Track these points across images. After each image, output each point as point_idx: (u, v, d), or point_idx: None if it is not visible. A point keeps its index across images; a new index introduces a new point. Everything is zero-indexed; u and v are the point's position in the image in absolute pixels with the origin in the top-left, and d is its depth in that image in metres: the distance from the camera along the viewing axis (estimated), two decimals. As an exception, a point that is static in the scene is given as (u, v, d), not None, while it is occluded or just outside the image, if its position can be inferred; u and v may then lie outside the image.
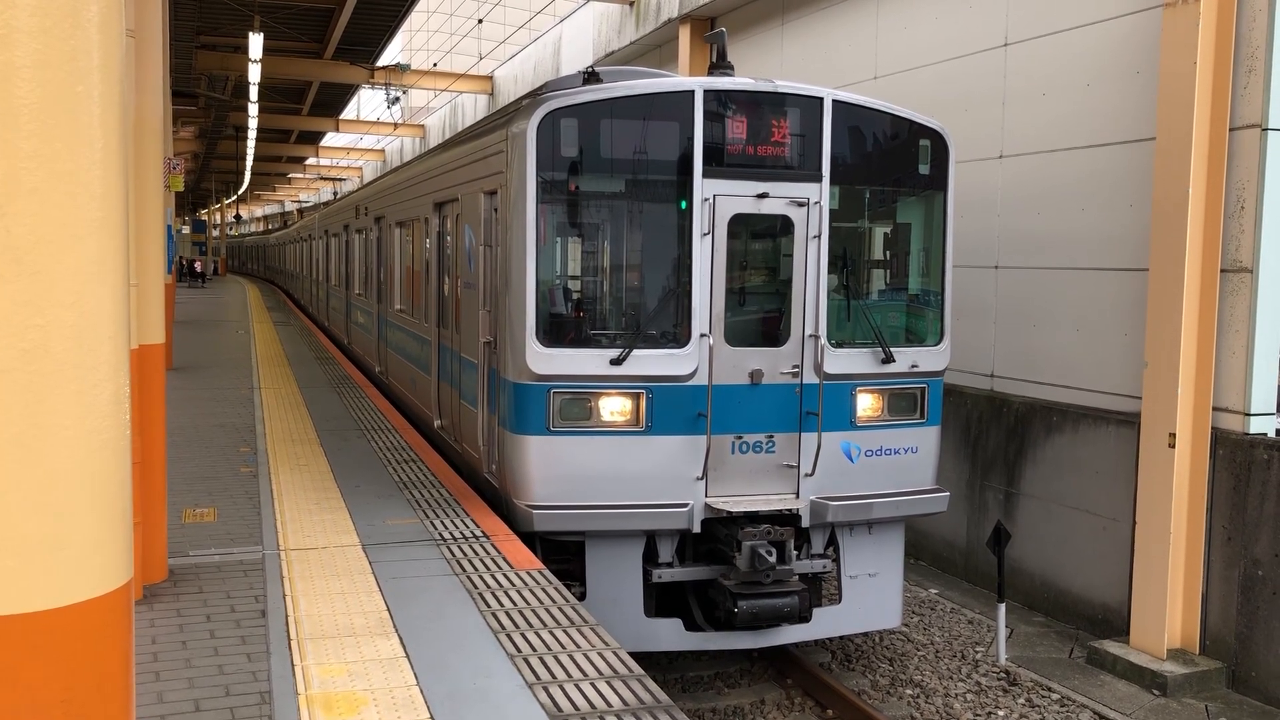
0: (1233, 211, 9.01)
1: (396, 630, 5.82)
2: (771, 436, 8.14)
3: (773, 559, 7.69)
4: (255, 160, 50.07)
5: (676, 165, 7.94)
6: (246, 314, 31.60)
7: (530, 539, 7.92)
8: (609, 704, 4.99)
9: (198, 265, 53.20)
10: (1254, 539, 8.81)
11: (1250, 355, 8.94)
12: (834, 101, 8.20)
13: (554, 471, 7.80)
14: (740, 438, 8.07)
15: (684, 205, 7.97)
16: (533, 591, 6.54)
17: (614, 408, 7.85)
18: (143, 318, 6.70)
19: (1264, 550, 8.74)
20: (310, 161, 60.05)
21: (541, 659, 5.49)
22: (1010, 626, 10.20)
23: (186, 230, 61.94)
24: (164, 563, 6.78)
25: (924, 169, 8.67)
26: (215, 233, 79.21)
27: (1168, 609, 9.19)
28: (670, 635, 8.09)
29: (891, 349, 8.41)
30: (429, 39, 33.93)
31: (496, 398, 8.46)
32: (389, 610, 6.14)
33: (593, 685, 5.19)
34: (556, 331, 7.93)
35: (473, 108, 34.18)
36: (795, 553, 8.05)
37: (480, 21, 26.70)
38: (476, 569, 6.97)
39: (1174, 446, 9.12)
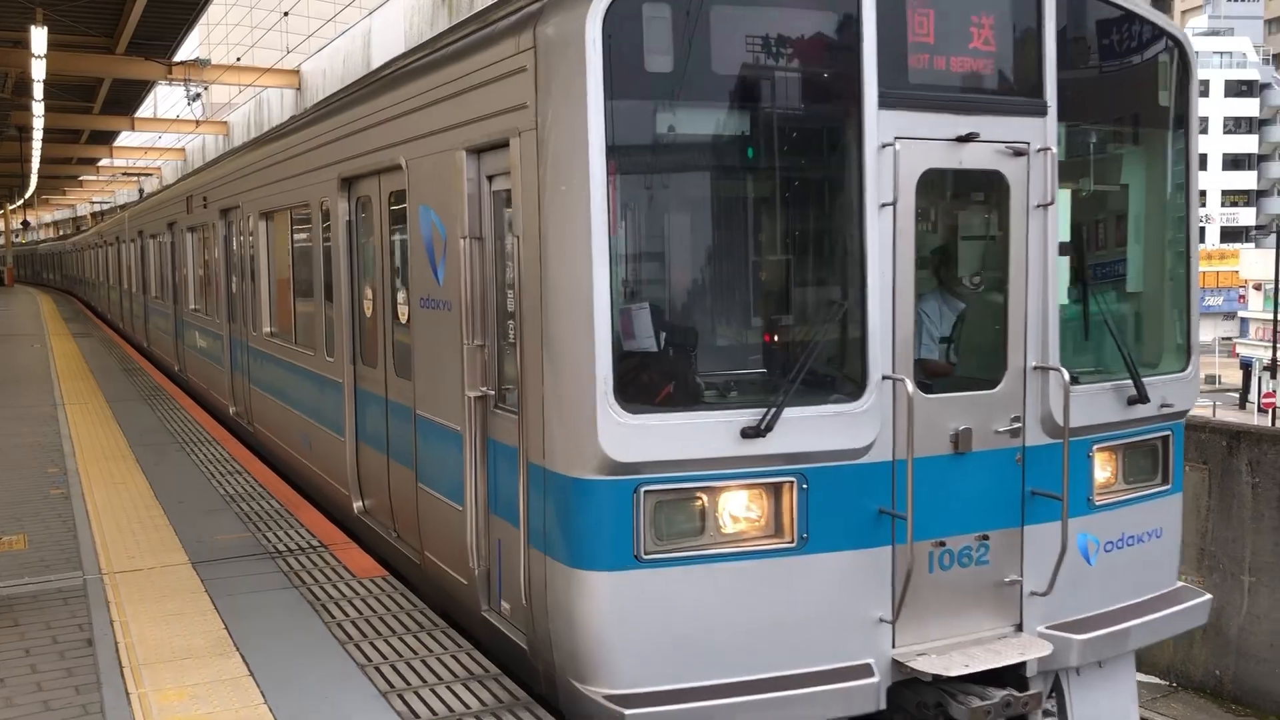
0: None
1: (238, 649, 5.60)
2: (985, 537, 5.29)
3: None
4: (42, 162, 47.00)
5: (833, 88, 5.04)
6: (41, 326, 29.66)
7: None
8: (467, 706, 4.94)
9: (-19, 276, 49.54)
10: None
11: None
12: None
13: (649, 632, 4.79)
14: (942, 544, 5.20)
15: (840, 152, 5.04)
16: (378, 599, 6.40)
17: (744, 512, 4.94)
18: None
19: None
20: (104, 163, 57.05)
21: (393, 666, 5.38)
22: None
23: (-34, 239, 57.60)
24: (-28, 596, 6.33)
25: (1163, 97, 5.96)
26: (0, 240, 74.07)
27: None
28: None
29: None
30: (229, 32, 32.56)
31: (519, 500, 5.21)
32: (227, 629, 5.90)
33: (448, 688, 5.12)
34: (644, 384, 4.90)
35: (279, 103, 33.00)
36: None
37: (286, 14, 25.81)
38: (316, 580, 6.77)
39: None
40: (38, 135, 35.23)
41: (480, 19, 5.97)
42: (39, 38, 20.69)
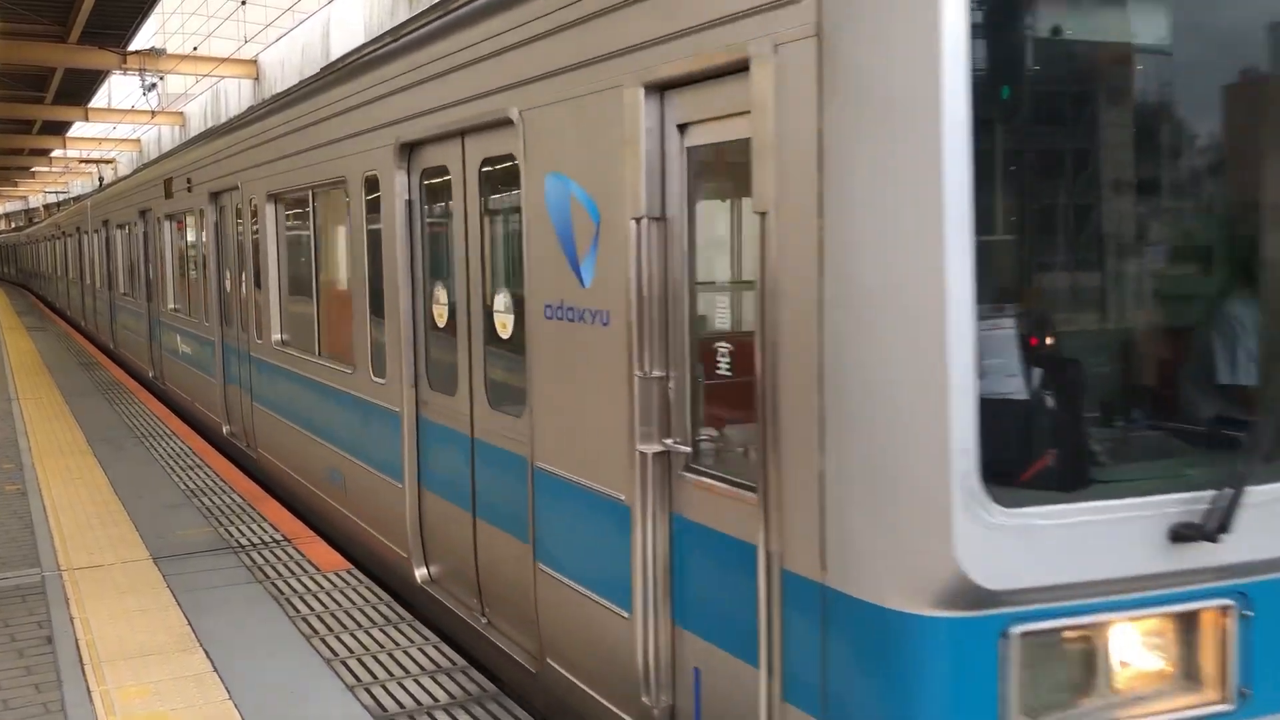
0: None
1: (201, 645, 5.54)
2: None
3: None
4: (-7, 153, 46.28)
5: None
6: (-6, 320, 29.20)
7: None
8: (435, 699, 4.92)
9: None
10: None
11: None
12: None
13: None
14: None
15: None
16: (343, 593, 6.36)
17: (1145, 655, 3.18)
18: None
19: None
20: (57, 154, 56.13)
21: (360, 660, 5.34)
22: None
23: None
24: (-73, 595, 6.21)
25: None
26: (-51, 233, 72.79)
27: None
28: None
29: None
30: (185, 21, 32.09)
31: (763, 624, 3.41)
32: (190, 625, 5.83)
33: (416, 681, 5.10)
34: (1012, 456, 3.08)
35: (237, 94, 32.61)
36: None
37: (244, 2, 25.48)
38: (280, 574, 6.71)
39: None
40: (-12, 126, 34.65)
41: None
42: (-11, 26, 20.32)
